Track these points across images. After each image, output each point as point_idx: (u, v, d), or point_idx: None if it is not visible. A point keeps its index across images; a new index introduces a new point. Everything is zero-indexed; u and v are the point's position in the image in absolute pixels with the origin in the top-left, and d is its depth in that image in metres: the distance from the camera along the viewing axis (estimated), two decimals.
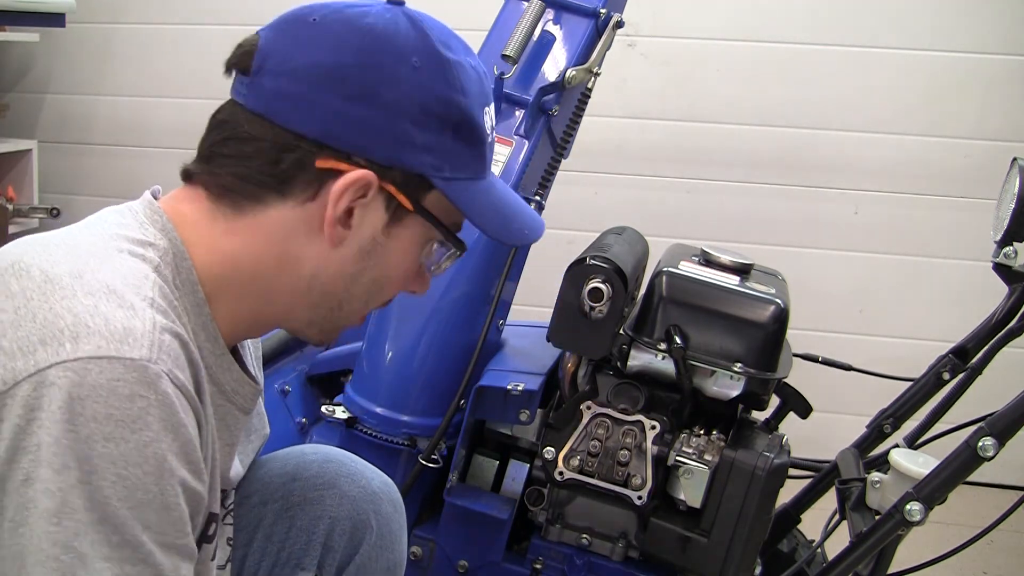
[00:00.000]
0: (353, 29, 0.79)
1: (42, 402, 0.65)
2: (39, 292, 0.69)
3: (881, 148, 2.61)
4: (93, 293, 0.69)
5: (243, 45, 0.82)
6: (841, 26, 2.57)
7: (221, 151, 0.81)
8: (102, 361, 0.66)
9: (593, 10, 1.52)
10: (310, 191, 0.79)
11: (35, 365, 0.65)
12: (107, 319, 0.68)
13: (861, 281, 2.69)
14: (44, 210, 2.84)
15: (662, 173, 2.73)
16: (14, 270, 0.72)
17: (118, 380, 0.66)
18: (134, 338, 0.68)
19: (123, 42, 2.97)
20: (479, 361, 1.42)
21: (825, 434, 1.96)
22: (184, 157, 0.88)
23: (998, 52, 2.51)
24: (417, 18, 0.81)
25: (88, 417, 0.65)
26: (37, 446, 0.64)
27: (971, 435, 1.14)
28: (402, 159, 0.79)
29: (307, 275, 0.82)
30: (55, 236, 0.77)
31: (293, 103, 0.78)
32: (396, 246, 0.83)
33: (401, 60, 0.78)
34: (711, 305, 1.28)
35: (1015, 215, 1.28)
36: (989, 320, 1.42)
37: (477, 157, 0.84)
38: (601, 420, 1.29)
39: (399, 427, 1.44)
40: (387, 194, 0.80)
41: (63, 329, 0.66)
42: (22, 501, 0.65)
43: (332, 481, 1.07)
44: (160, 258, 0.77)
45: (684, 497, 1.25)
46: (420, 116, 0.79)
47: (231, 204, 0.80)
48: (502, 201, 0.87)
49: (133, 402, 0.66)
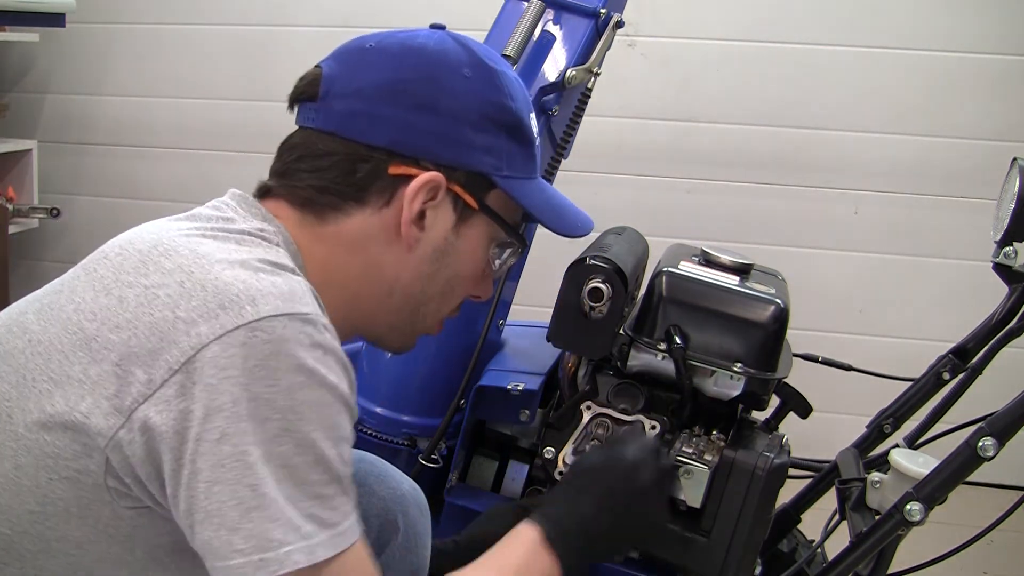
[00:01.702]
0: (408, 49, 0.88)
1: (234, 361, 0.69)
2: (198, 266, 0.74)
3: (881, 148, 2.61)
4: (245, 265, 0.75)
5: (305, 77, 0.90)
6: (841, 26, 2.57)
7: (298, 167, 0.87)
8: (283, 318, 0.71)
9: (593, 10, 1.52)
10: (385, 197, 0.86)
11: (222, 327, 0.70)
12: (272, 283, 0.73)
13: (861, 281, 2.69)
14: (44, 210, 2.84)
15: (662, 173, 2.73)
16: (159, 251, 0.76)
17: (301, 332, 0.71)
18: (298, 296, 0.74)
19: (123, 42, 2.97)
20: (479, 361, 1.42)
21: (825, 434, 1.96)
22: (184, 157, 0.90)
23: (998, 52, 2.51)
24: (460, 38, 0.90)
25: (284, 369, 0.70)
26: (233, 402, 0.68)
27: (971, 435, 1.13)
28: (465, 161, 0.88)
29: (389, 280, 0.89)
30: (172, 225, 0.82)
31: (363, 118, 0.86)
32: (465, 245, 0.91)
33: (455, 72, 0.87)
34: (711, 305, 1.28)
35: (1015, 215, 1.28)
36: (989, 320, 1.42)
37: (529, 157, 0.93)
38: (601, 420, 1.29)
39: (399, 427, 1.45)
40: (454, 195, 0.88)
41: (238, 294, 0.71)
42: (219, 458, 0.68)
43: (363, 481, 1.09)
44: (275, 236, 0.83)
45: (684, 497, 1.25)
46: (478, 120, 0.87)
47: (315, 213, 0.87)
48: (554, 198, 0.97)
49: (315, 350, 0.72)
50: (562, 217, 0.96)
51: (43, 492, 0.73)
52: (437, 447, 1.40)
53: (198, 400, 0.68)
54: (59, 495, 0.73)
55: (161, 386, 0.69)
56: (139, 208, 3.04)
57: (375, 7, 2.74)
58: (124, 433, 0.70)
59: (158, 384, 0.69)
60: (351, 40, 0.91)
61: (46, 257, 3.13)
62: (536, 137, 0.93)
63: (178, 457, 0.69)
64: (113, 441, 0.70)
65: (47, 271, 3.10)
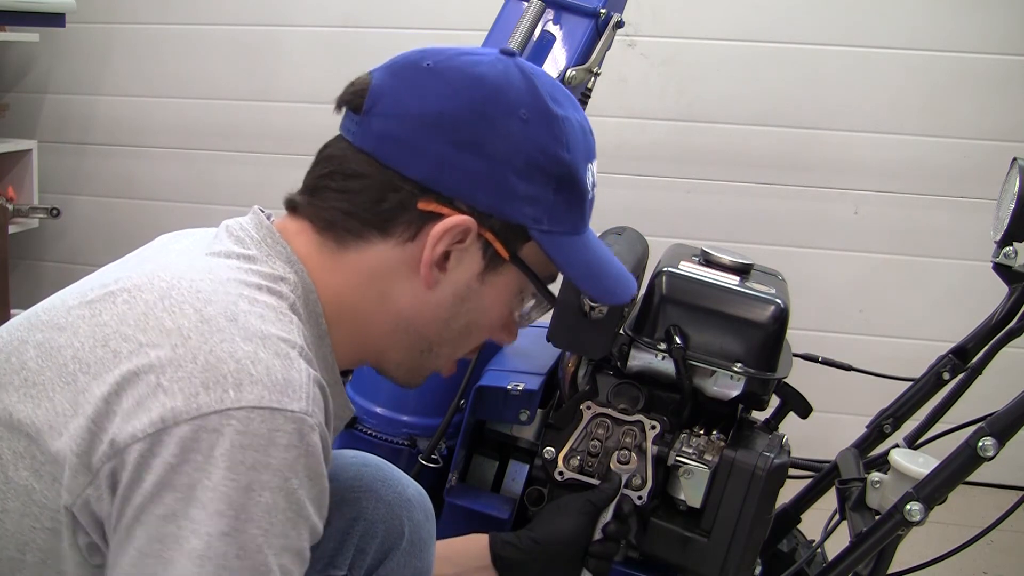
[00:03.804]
0: (465, 78, 0.81)
1: (200, 445, 0.66)
2: (197, 332, 0.70)
3: (881, 148, 2.61)
4: (251, 339, 0.70)
5: (355, 84, 0.84)
6: (841, 26, 2.57)
7: (327, 184, 0.83)
8: (264, 411, 0.67)
9: (593, 10, 1.52)
10: (410, 232, 0.81)
11: (197, 409, 0.66)
12: (268, 368, 0.69)
13: (861, 281, 2.69)
14: (44, 210, 2.84)
15: (662, 173, 2.73)
16: (165, 305, 0.72)
17: (278, 431, 0.67)
18: (293, 390, 0.69)
19: (123, 42, 2.97)
20: (479, 361, 1.42)
21: (825, 434, 1.96)
22: (184, 157, 0.89)
23: (998, 52, 2.51)
24: (528, 71, 0.83)
25: (249, 466, 0.66)
26: (189, 487, 0.65)
27: (971, 435, 1.13)
28: (503, 209, 0.81)
29: (404, 316, 0.84)
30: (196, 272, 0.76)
31: (401, 145, 0.80)
32: (490, 293, 0.85)
33: (510, 113, 0.80)
34: (711, 305, 1.28)
35: (1015, 215, 1.28)
36: (989, 320, 1.42)
37: (577, 212, 0.85)
38: (601, 420, 1.29)
39: (399, 427, 1.44)
40: (485, 241, 0.82)
41: (226, 375, 0.68)
42: (158, 535, 0.66)
43: (369, 485, 1.08)
44: (292, 293, 0.79)
45: (684, 497, 1.25)
46: (524, 168, 0.80)
47: (335, 239, 0.82)
48: (596, 258, 0.89)
49: (288, 452, 0.68)
50: (600, 281, 0.89)
51: (25, 539, 0.71)
52: (437, 447, 1.40)
53: (153, 472, 0.66)
54: (40, 544, 0.71)
55: (124, 449, 0.67)
56: (139, 208, 3.04)
57: (375, 7, 2.74)
58: (92, 491, 0.69)
59: (121, 447, 0.67)
60: (410, 52, 0.84)
61: (46, 257, 3.13)
62: (590, 190, 0.86)
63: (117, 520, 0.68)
64: (82, 498, 0.69)
65: (47, 271, 3.10)
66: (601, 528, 1.19)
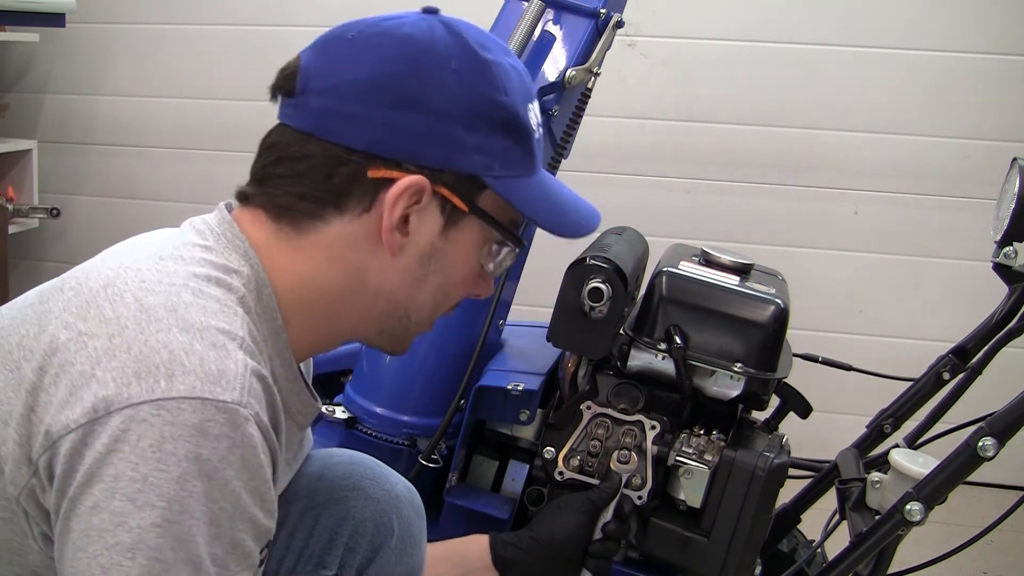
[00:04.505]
0: (391, 41, 0.81)
1: (129, 436, 0.65)
2: (134, 322, 0.69)
3: (881, 148, 2.61)
4: (188, 330, 0.70)
5: (285, 69, 0.84)
6: (841, 26, 2.57)
7: (274, 172, 0.82)
8: (195, 402, 0.66)
9: (593, 10, 1.52)
10: (365, 202, 0.80)
11: (128, 399, 0.66)
12: (202, 359, 0.68)
13: (861, 281, 2.69)
14: (44, 210, 2.84)
15: (662, 173, 2.73)
16: (107, 294, 0.72)
17: (209, 421, 0.67)
18: (227, 380, 0.69)
19: (123, 42, 2.97)
20: (479, 361, 1.42)
21: (825, 434, 1.96)
22: (184, 157, 0.89)
23: (998, 52, 2.51)
24: (453, 24, 0.83)
25: (180, 457, 0.66)
26: (114, 477, 0.65)
27: (971, 435, 1.13)
28: (453, 162, 0.81)
29: (372, 287, 0.84)
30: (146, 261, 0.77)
31: (340, 118, 0.80)
32: (455, 249, 0.85)
33: (441, 65, 0.80)
34: (711, 305, 1.28)
35: (1015, 215, 1.28)
36: (989, 320, 1.42)
37: (526, 153, 0.85)
38: (601, 420, 1.29)
39: (399, 427, 1.44)
40: (441, 198, 0.82)
41: (158, 365, 0.67)
42: (86, 528, 0.65)
43: (357, 483, 1.08)
44: (244, 286, 0.78)
45: (684, 497, 1.25)
46: (466, 118, 0.80)
47: (291, 224, 0.82)
48: (554, 195, 0.89)
49: (220, 442, 0.67)
50: (561, 218, 0.89)
51: None
52: (437, 447, 1.40)
53: (84, 463, 0.66)
54: None
55: (57, 440, 0.67)
56: (139, 208, 3.04)
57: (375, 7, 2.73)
58: (36, 482, 0.69)
59: (55, 438, 0.67)
60: (333, 28, 0.84)
61: (46, 257, 3.13)
62: (536, 130, 0.86)
63: (56, 512, 0.68)
64: (27, 489, 0.69)
65: (47, 271, 3.09)
66: (601, 528, 1.19)
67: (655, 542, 1.26)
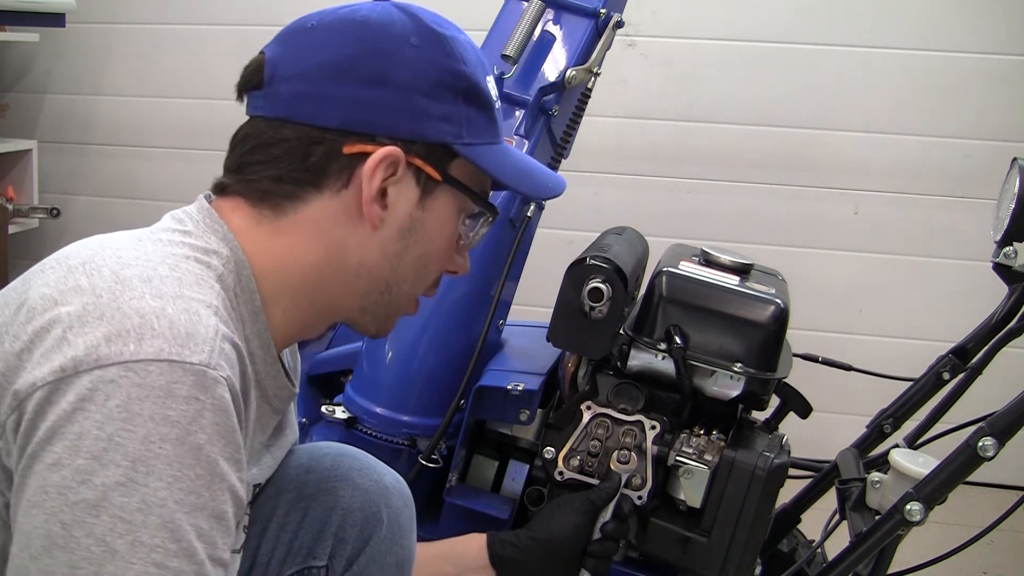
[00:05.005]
0: (350, 23, 0.84)
1: (96, 396, 0.66)
2: (108, 291, 0.71)
3: (881, 148, 2.61)
4: (160, 296, 0.71)
5: (249, 65, 0.87)
6: (841, 26, 2.57)
7: (251, 159, 0.85)
8: (163, 364, 0.67)
9: (593, 10, 1.52)
10: (343, 178, 0.83)
11: (97, 361, 0.67)
12: (172, 322, 0.69)
13: (861, 281, 2.69)
14: (44, 210, 2.84)
15: (662, 173, 2.73)
16: (84, 268, 0.73)
17: (176, 383, 0.67)
18: (195, 343, 0.69)
19: (123, 42, 2.97)
20: (479, 361, 1.42)
21: (825, 434, 1.96)
22: (184, 157, 0.90)
23: (998, 52, 2.51)
24: (406, 6, 0.87)
25: (146, 417, 0.66)
26: (78, 435, 0.65)
27: (971, 435, 1.13)
28: (423, 132, 0.84)
29: (353, 262, 0.86)
30: (124, 242, 0.78)
31: (311, 99, 0.83)
32: (432, 220, 0.88)
33: (401, 41, 0.84)
34: (711, 305, 1.28)
35: (1015, 215, 1.28)
36: (989, 320, 1.42)
37: (490, 121, 0.89)
38: (601, 420, 1.29)
39: (399, 427, 1.44)
40: (415, 168, 0.85)
41: (129, 330, 0.68)
42: (43, 484, 0.65)
43: (345, 474, 1.08)
44: (223, 266, 0.80)
45: (684, 497, 1.25)
46: (431, 89, 0.84)
47: (271, 207, 0.84)
48: (521, 161, 0.94)
49: (189, 404, 0.67)
50: (531, 179, 0.93)
51: None
52: (437, 447, 1.40)
53: (47, 420, 0.66)
54: None
55: (24, 399, 0.67)
56: (139, 208, 3.04)
57: None
58: (2, 444, 0.69)
59: (21, 397, 0.67)
60: (292, 21, 0.88)
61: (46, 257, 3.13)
62: (496, 99, 0.90)
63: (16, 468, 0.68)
64: None
65: None
66: (600, 528, 1.19)
67: (655, 542, 1.26)
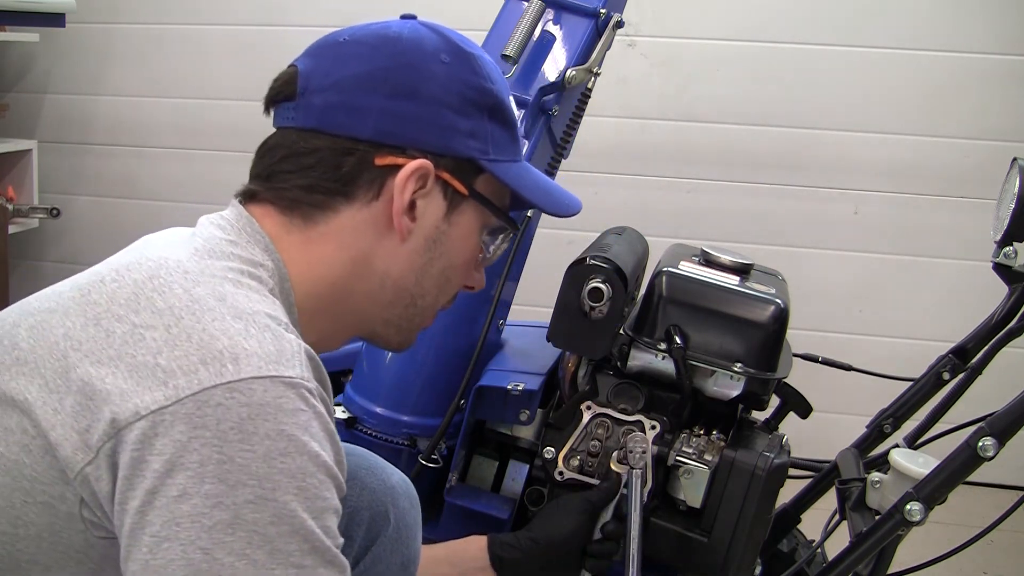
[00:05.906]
0: (382, 39, 0.87)
1: (207, 421, 0.66)
2: (188, 312, 0.71)
3: (881, 148, 2.61)
4: (240, 316, 0.72)
5: (280, 78, 0.89)
6: (841, 26, 2.57)
7: (281, 168, 0.86)
8: (265, 380, 0.68)
9: (593, 10, 1.52)
10: (374, 190, 0.85)
11: (199, 384, 0.67)
12: (260, 341, 0.71)
13: (861, 281, 2.69)
14: (44, 210, 2.84)
15: (662, 173, 2.73)
16: (154, 285, 0.74)
17: (281, 397, 0.69)
18: (286, 358, 0.71)
19: (123, 42, 2.97)
20: (479, 361, 1.42)
21: (825, 434, 1.96)
22: (184, 157, 0.90)
23: (998, 52, 2.51)
24: (433, 25, 0.89)
25: (263, 435, 0.67)
26: (200, 463, 0.66)
27: (971, 435, 1.13)
28: (451, 146, 0.86)
29: (379, 273, 0.87)
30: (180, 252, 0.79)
31: (344, 110, 0.84)
32: (457, 233, 0.90)
33: (432, 58, 0.86)
34: (711, 305, 1.28)
35: (1015, 215, 1.28)
36: (989, 320, 1.42)
37: (512, 139, 0.92)
38: (601, 420, 1.29)
39: (399, 427, 1.44)
40: (443, 182, 0.87)
41: (221, 351, 0.69)
42: (174, 516, 0.66)
43: (353, 473, 1.08)
44: (271, 279, 0.81)
45: (684, 497, 1.25)
46: (459, 104, 0.86)
47: (301, 216, 0.85)
48: (541, 178, 0.97)
49: (298, 416, 0.69)
50: (552, 197, 0.96)
51: (16, 514, 0.71)
52: (437, 447, 1.40)
53: (159, 453, 0.66)
54: (32, 519, 0.71)
55: (124, 428, 0.67)
56: (139, 208, 3.04)
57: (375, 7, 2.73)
58: (91, 469, 0.69)
59: (121, 426, 0.67)
60: (323, 36, 0.89)
61: (46, 257, 3.13)
62: (518, 120, 0.93)
63: (123, 503, 0.68)
64: (81, 475, 0.69)
65: (47, 271, 3.10)
66: (600, 528, 1.19)
67: (655, 542, 1.26)
